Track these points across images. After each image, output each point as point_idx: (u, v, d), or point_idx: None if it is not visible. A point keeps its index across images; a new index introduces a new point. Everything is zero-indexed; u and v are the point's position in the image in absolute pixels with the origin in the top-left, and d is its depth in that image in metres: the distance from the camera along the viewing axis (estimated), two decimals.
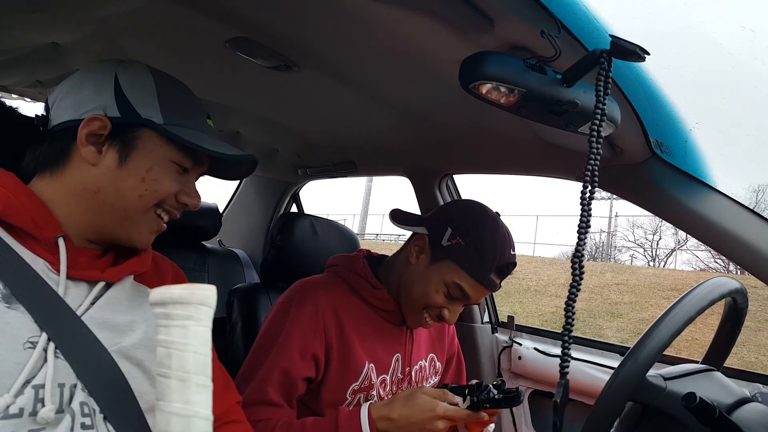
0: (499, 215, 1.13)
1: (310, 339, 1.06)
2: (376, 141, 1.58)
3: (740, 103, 0.94)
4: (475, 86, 0.71)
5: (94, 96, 0.74)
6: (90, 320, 0.69)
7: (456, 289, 1.07)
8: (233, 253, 2.19)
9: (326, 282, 1.16)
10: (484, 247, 1.05)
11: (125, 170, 0.74)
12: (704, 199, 0.97)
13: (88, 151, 0.73)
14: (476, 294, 1.07)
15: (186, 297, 0.61)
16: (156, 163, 0.75)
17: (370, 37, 0.92)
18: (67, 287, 0.70)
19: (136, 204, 0.75)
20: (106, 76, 0.76)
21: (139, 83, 0.76)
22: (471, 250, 1.05)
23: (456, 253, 1.06)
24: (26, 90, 1.56)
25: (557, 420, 0.71)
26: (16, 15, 1.03)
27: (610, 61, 0.67)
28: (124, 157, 0.74)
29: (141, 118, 0.74)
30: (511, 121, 1.10)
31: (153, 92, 0.76)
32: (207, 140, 0.77)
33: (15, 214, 0.68)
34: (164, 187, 0.76)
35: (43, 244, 0.70)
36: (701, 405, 0.72)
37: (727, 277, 0.91)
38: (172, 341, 0.60)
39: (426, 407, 0.95)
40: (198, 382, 0.59)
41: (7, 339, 0.62)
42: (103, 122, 0.73)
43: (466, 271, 1.05)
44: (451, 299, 1.09)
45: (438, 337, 1.30)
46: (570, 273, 0.68)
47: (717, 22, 0.84)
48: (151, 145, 0.75)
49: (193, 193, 0.81)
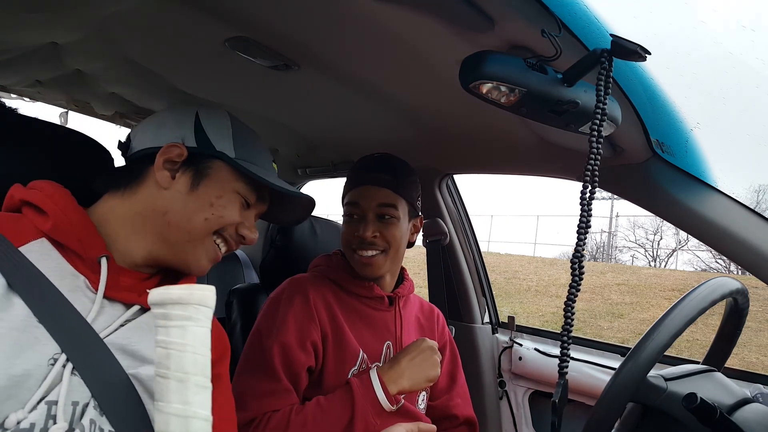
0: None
1: (307, 327, 1.09)
2: (376, 141, 1.58)
3: (741, 102, 0.94)
4: (475, 86, 0.71)
5: (175, 128, 0.82)
6: (114, 341, 0.70)
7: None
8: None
9: (313, 278, 1.20)
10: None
11: (195, 195, 0.79)
12: (705, 199, 0.96)
13: (162, 175, 0.79)
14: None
15: (185, 297, 0.61)
16: (224, 193, 0.81)
17: (370, 36, 0.92)
18: (102, 306, 0.71)
19: (201, 227, 0.79)
20: (188, 113, 0.84)
21: (216, 121, 0.85)
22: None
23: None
24: (25, 90, 1.56)
25: (556, 420, 0.72)
26: (15, 15, 1.03)
27: (611, 60, 0.67)
28: (197, 183, 0.80)
29: (215, 150, 0.81)
30: (511, 120, 1.10)
31: (228, 130, 0.84)
32: (272, 177, 0.85)
33: (63, 233, 0.72)
34: (228, 215, 0.81)
35: (87, 263, 0.73)
36: (702, 405, 0.72)
37: (728, 277, 0.90)
38: (171, 342, 0.60)
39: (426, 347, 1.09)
40: (197, 383, 0.59)
41: (35, 354, 0.63)
42: (181, 150, 0.79)
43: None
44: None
45: (428, 326, 1.31)
46: (571, 273, 0.68)
47: (718, 22, 0.83)
48: (222, 175, 0.81)
49: (253, 228, 0.86)
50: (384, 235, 1.14)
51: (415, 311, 1.30)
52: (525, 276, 10.62)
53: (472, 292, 1.82)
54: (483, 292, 1.85)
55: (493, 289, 1.89)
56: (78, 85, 1.42)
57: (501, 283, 10.12)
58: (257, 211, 0.89)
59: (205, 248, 0.81)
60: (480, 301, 1.84)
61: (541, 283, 10.19)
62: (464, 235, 1.83)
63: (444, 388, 1.28)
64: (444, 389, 1.28)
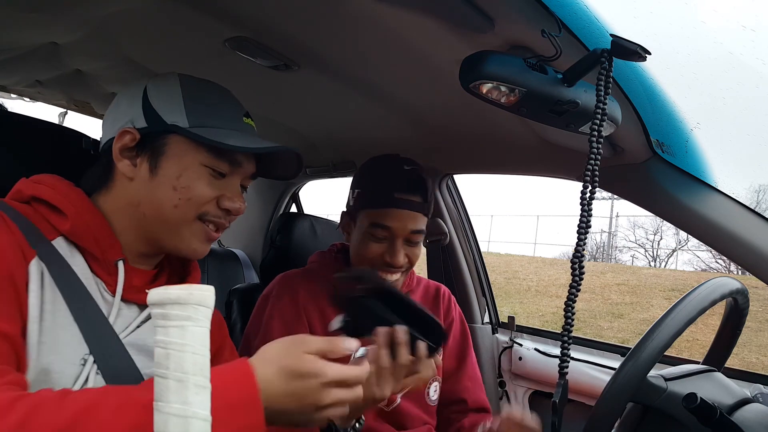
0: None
1: (294, 328, 1.08)
2: (376, 141, 1.58)
3: (741, 102, 0.94)
4: (475, 86, 0.71)
5: (126, 111, 0.76)
6: (131, 343, 0.71)
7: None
8: (232, 254, 2.18)
9: (305, 273, 1.18)
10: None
11: (157, 180, 0.73)
12: (705, 199, 0.96)
13: (123, 165, 0.74)
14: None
15: (184, 297, 0.60)
16: (186, 169, 0.73)
17: (371, 36, 0.92)
18: (120, 309, 0.72)
19: (174, 215, 0.73)
20: (138, 90, 0.76)
21: (165, 91, 0.75)
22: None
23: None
24: (25, 90, 1.56)
25: (556, 420, 0.71)
26: (15, 14, 1.03)
27: (611, 60, 0.67)
28: (154, 165, 0.73)
29: (166, 125, 0.73)
30: (511, 120, 1.10)
31: (179, 97, 0.75)
32: (236, 137, 0.74)
33: (80, 235, 0.71)
34: (197, 195, 0.74)
35: (103, 265, 0.72)
36: (702, 405, 0.71)
37: (728, 277, 0.90)
38: (170, 342, 0.59)
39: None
40: (196, 383, 0.59)
41: (69, 353, 0.65)
42: (133, 134, 0.73)
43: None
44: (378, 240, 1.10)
45: (432, 307, 1.26)
46: (571, 273, 0.68)
47: (718, 22, 0.83)
48: (180, 150, 0.73)
49: (236, 197, 0.78)
50: (410, 258, 1.11)
51: (419, 300, 1.25)
52: (525, 276, 10.62)
53: (472, 292, 1.82)
54: (483, 292, 1.85)
55: (493, 289, 1.89)
56: (78, 85, 1.42)
57: (501, 283, 10.11)
58: (240, 177, 0.80)
59: (193, 232, 0.76)
60: (480, 301, 1.84)
61: (541, 283, 10.19)
62: (464, 235, 1.83)
63: (451, 370, 1.23)
64: (451, 371, 1.23)
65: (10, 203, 0.71)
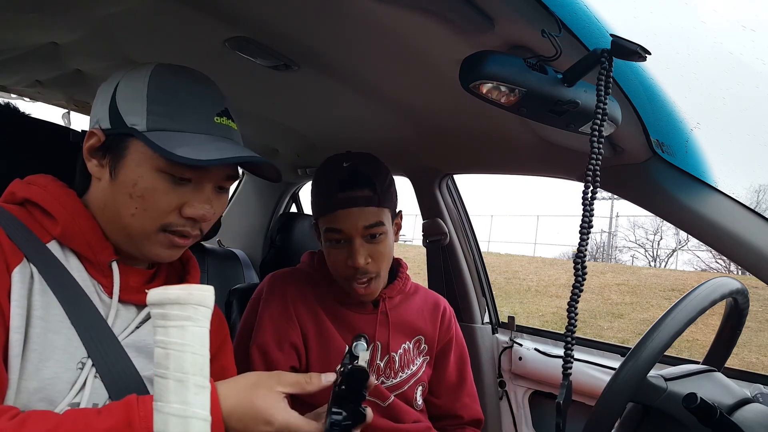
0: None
1: (284, 329, 1.07)
2: (376, 141, 1.58)
3: (741, 103, 0.94)
4: (475, 86, 0.71)
5: (99, 108, 0.73)
6: (130, 344, 0.71)
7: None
8: (232, 254, 2.18)
9: (294, 273, 1.18)
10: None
11: (116, 185, 0.69)
12: (705, 199, 0.96)
13: (92, 165, 0.72)
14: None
15: (184, 297, 0.60)
16: (141, 177, 0.68)
17: (370, 36, 0.91)
18: (118, 310, 0.71)
19: (134, 224, 0.69)
20: (111, 85, 0.72)
21: (132, 87, 0.70)
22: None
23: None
24: (25, 90, 1.56)
25: (560, 421, 0.71)
26: (15, 15, 1.03)
27: (611, 60, 0.67)
28: (114, 170, 0.70)
29: (126, 127, 0.69)
30: (511, 120, 1.09)
31: (143, 95, 0.69)
32: (198, 142, 0.68)
33: (72, 238, 0.70)
34: (154, 205, 0.68)
35: (97, 267, 0.71)
36: (702, 405, 0.71)
37: (728, 277, 0.90)
38: (170, 342, 0.60)
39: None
40: (196, 383, 0.59)
41: (65, 357, 0.65)
42: (98, 136, 0.70)
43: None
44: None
45: (430, 321, 1.23)
46: (571, 273, 0.67)
47: (718, 22, 0.83)
48: (138, 155, 0.68)
49: (199, 204, 0.71)
50: (375, 258, 1.05)
51: (414, 308, 1.21)
52: (525, 276, 10.61)
53: (472, 292, 1.82)
54: (483, 292, 1.85)
55: (493, 289, 1.89)
56: (78, 85, 1.42)
57: (501, 283, 10.11)
58: (214, 179, 0.72)
59: (158, 241, 0.71)
60: (480, 301, 1.84)
61: (541, 283, 10.19)
62: (464, 235, 1.83)
63: (451, 387, 1.23)
64: (451, 387, 1.23)
65: (2, 206, 0.70)
